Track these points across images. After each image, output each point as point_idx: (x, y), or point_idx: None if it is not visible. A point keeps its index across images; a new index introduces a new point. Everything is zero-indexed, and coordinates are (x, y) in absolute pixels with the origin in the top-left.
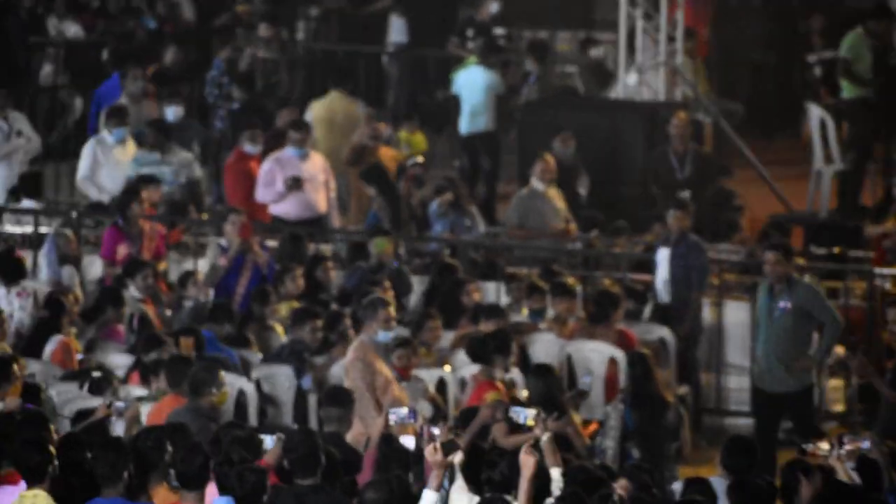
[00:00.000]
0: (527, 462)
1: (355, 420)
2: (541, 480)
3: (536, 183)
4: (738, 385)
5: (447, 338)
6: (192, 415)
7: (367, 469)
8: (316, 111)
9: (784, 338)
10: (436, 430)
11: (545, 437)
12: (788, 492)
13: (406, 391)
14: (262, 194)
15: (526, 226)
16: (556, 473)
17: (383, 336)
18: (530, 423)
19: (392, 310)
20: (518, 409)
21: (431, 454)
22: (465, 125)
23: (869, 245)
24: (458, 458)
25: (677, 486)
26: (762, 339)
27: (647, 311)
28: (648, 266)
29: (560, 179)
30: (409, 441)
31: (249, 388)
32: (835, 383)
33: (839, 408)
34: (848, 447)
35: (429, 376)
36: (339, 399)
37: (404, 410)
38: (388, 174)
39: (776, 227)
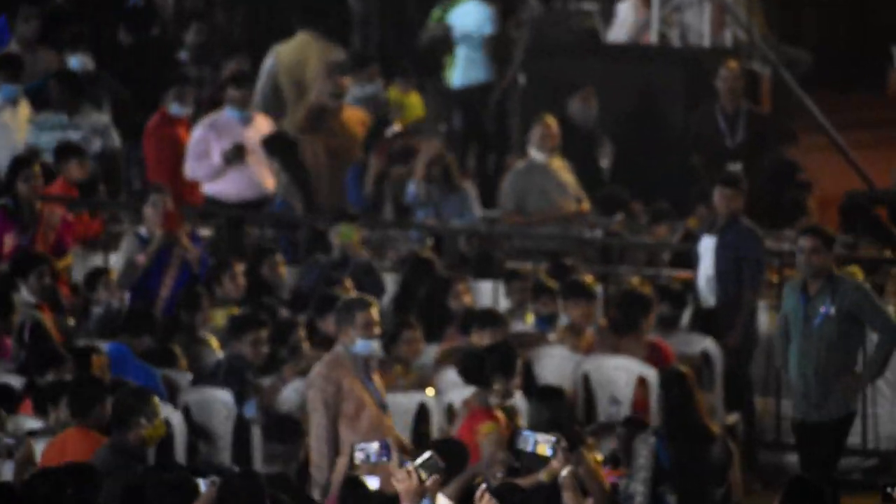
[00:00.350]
0: None
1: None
2: None
3: (535, 153)
4: None
5: (429, 352)
6: (113, 454)
7: None
8: (282, 60)
9: (826, 351)
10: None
11: (565, 472)
12: None
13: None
14: (192, 169)
15: (526, 209)
16: None
17: (363, 346)
18: (542, 451)
19: (375, 312)
20: (528, 433)
21: (403, 479)
22: (458, 76)
23: None
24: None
25: None
26: (796, 354)
27: (687, 317)
28: (688, 259)
29: (578, 148)
30: (374, 482)
31: (176, 418)
32: None
33: None
34: None
35: (407, 402)
36: (282, 432)
37: (374, 445)
38: (297, 145)
39: (853, 209)
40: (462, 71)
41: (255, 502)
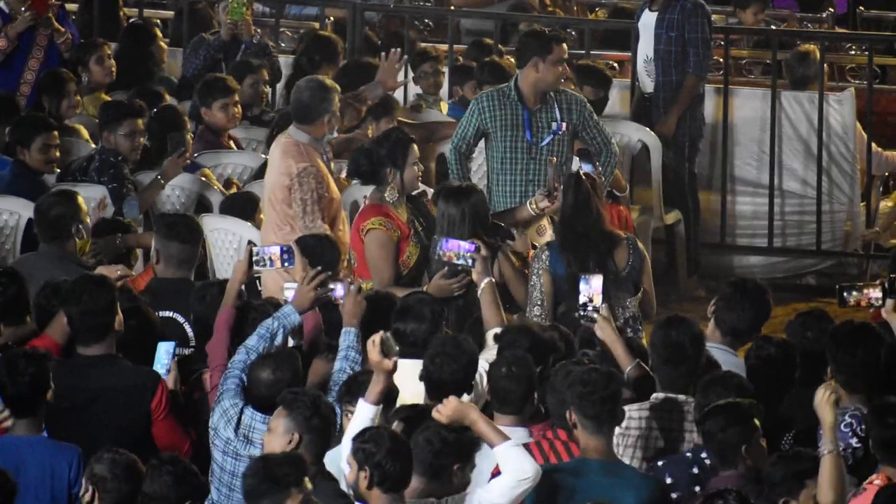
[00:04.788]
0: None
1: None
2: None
3: None
4: (752, 210)
5: None
6: (56, 262)
7: (219, 334)
8: None
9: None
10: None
11: (485, 282)
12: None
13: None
14: None
15: None
16: (490, 337)
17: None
18: (455, 259)
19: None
20: (442, 240)
21: (370, 349)
22: None
23: None
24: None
25: None
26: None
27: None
28: (625, 40)
29: None
30: (291, 292)
31: None
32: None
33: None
34: None
35: None
36: (184, 224)
37: (274, 249)
38: None
39: None
40: None
41: (94, 311)
